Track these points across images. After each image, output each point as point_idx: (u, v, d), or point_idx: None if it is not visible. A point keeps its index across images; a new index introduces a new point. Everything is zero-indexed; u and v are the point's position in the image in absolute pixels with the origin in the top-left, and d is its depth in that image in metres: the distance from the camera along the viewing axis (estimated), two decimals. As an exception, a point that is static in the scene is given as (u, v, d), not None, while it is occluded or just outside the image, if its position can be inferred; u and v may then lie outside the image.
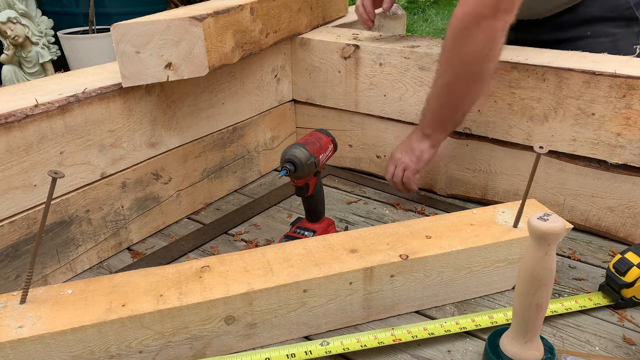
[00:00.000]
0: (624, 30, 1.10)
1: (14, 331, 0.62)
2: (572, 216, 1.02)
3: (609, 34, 1.10)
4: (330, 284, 0.73)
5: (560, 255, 0.95)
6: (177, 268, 0.75)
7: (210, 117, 1.10)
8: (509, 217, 0.84)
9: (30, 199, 0.81)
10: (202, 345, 0.71)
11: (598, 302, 0.80)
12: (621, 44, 1.10)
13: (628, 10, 1.08)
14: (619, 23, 1.09)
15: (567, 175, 0.99)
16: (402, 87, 1.13)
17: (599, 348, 0.74)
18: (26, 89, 0.90)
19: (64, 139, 0.84)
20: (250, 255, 0.77)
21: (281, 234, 1.01)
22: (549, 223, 0.56)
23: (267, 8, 1.10)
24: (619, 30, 1.10)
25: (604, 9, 1.08)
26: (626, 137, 0.90)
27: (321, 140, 0.88)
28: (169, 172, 1.04)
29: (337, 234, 0.82)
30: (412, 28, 3.97)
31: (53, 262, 0.87)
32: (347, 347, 0.71)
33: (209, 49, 0.90)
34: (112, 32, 0.86)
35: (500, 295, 0.84)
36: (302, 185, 0.86)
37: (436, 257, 0.76)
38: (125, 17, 0.94)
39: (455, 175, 1.14)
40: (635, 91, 0.87)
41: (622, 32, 1.10)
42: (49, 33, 2.15)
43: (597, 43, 1.09)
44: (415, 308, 0.81)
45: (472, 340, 0.75)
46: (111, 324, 0.65)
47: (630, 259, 0.78)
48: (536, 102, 0.97)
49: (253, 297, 0.70)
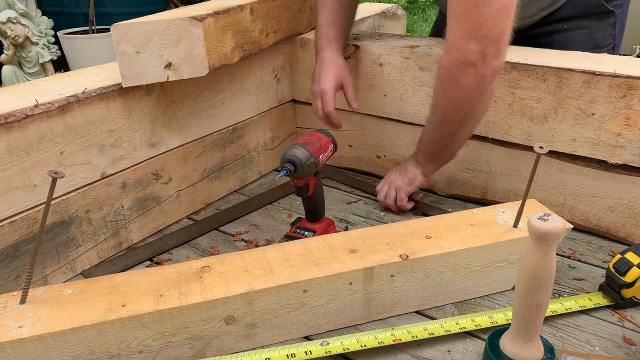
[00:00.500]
0: (599, 22, 1.10)
1: (14, 331, 0.62)
2: (572, 216, 1.02)
3: (584, 26, 1.11)
4: (330, 284, 0.73)
5: (560, 255, 0.95)
6: (177, 268, 0.75)
7: (210, 117, 1.10)
8: (509, 217, 0.84)
9: (30, 199, 0.81)
10: (202, 345, 0.71)
11: (598, 302, 0.80)
12: (597, 35, 1.11)
13: (601, 7, 1.09)
14: (594, 17, 1.10)
15: (567, 175, 0.99)
16: (402, 87, 1.13)
17: (599, 348, 0.74)
18: (26, 89, 0.90)
19: (64, 139, 0.84)
20: (250, 255, 0.77)
21: (281, 234, 1.01)
22: (549, 223, 0.56)
23: (267, 8, 1.10)
24: (594, 23, 1.10)
25: (577, 10, 1.09)
26: (626, 137, 0.90)
27: (321, 140, 0.88)
28: (169, 172, 1.04)
29: (337, 234, 0.82)
30: (412, 28, 3.97)
31: (53, 262, 0.87)
32: (347, 347, 0.71)
33: (209, 49, 0.90)
34: (112, 32, 0.86)
35: (500, 295, 0.84)
36: (302, 185, 0.86)
37: (436, 257, 0.76)
38: (125, 17, 0.94)
39: (455, 175, 1.14)
40: (635, 91, 0.87)
41: (597, 24, 1.11)
42: (49, 33, 2.15)
43: (573, 35, 1.10)
44: (415, 308, 0.81)
45: (472, 340, 0.75)
46: (111, 324, 0.65)
47: (630, 259, 0.78)
48: (536, 102, 0.97)
49: (253, 297, 0.70)
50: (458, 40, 0.83)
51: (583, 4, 1.08)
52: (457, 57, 0.84)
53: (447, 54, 0.85)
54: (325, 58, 1.07)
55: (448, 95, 0.89)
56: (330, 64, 1.07)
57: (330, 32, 1.08)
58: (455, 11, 0.82)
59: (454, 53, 0.84)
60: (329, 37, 1.08)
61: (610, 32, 1.11)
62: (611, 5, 1.09)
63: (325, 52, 1.08)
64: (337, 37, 1.09)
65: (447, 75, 0.87)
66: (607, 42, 1.12)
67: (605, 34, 1.11)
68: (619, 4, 1.10)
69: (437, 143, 0.98)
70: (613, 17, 1.10)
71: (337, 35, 1.09)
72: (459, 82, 0.86)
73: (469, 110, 0.90)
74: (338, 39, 1.09)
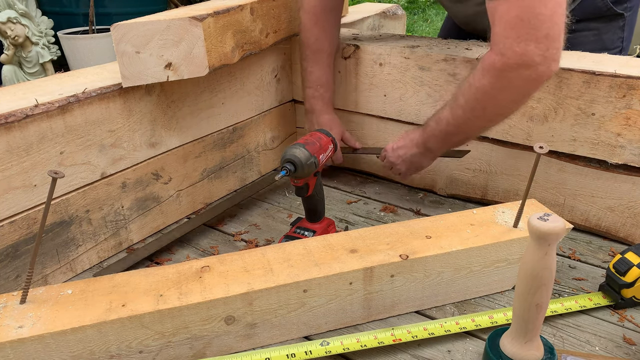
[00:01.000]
0: (607, 24, 1.10)
1: (14, 331, 0.62)
2: (572, 216, 1.02)
3: (593, 28, 1.11)
4: (330, 284, 0.73)
5: (560, 255, 0.95)
6: (177, 268, 0.75)
7: (210, 117, 1.10)
8: (509, 217, 0.84)
9: (30, 199, 0.81)
10: (202, 345, 0.71)
11: (598, 302, 0.80)
12: (605, 37, 1.11)
13: (609, 10, 1.09)
14: (602, 19, 1.10)
15: (567, 175, 0.99)
16: (402, 87, 1.13)
17: (599, 348, 0.74)
18: (26, 89, 0.90)
19: (64, 139, 0.84)
20: (250, 255, 0.77)
21: (281, 234, 1.01)
22: (549, 223, 0.56)
23: (267, 8, 1.10)
24: (603, 25, 1.10)
25: (585, 13, 1.08)
26: (626, 137, 0.90)
27: (321, 140, 0.88)
28: (169, 172, 1.04)
29: (337, 234, 0.82)
30: (412, 28, 3.97)
31: (53, 262, 0.87)
32: (347, 347, 0.71)
33: (209, 49, 0.90)
34: (112, 32, 0.86)
35: (500, 295, 0.84)
36: (302, 185, 0.86)
37: (436, 257, 0.76)
38: (125, 17, 0.94)
39: (455, 175, 1.14)
40: (635, 91, 0.87)
41: (606, 26, 1.10)
42: (49, 33, 2.15)
43: (581, 36, 1.10)
44: (415, 308, 0.81)
45: (472, 340, 0.75)
46: (111, 324, 0.65)
47: (630, 259, 0.78)
48: (536, 102, 0.97)
49: (253, 297, 0.70)
50: (516, 44, 0.79)
51: (591, 7, 1.08)
52: (515, 60, 0.80)
53: (500, 56, 0.81)
54: (327, 120, 1.16)
55: (494, 95, 0.86)
56: (332, 127, 1.15)
57: (327, 94, 1.16)
58: (507, 13, 0.79)
59: (512, 56, 0.80)
60: (325, 99, 1.16)
61: (619, 35, 1.11)
62: (620, 8, 1.08)
63: (325, 114, 1.16)
64: (330, 98, 1.18)
65: (499, 76, 0.83)
66: (616, 45, 1.12)
67: (614, 36, 1.11)
68: (628, 7, 1.09)
69: (456, 135, 0.96)
70: (622, 20, 1.10)
71: (331, 96, 1.18)
72: (511, 84, 0.83)
73: (510, 110, 0.90)
74: (331, 99, 1.18)
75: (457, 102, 0.91)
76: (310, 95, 1.15)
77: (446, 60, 1.05)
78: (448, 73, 1.05)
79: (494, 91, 0.86)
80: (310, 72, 1.14)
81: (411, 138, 1.02)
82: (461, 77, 1.04)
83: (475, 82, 0.87)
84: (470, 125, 0.93)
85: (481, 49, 1.06)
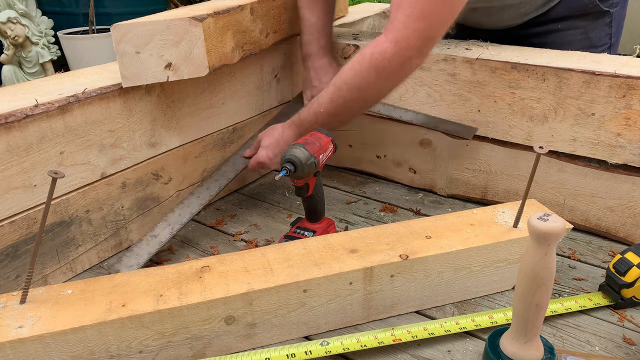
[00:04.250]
0: (593, 22, 1.10)
1: (14, 331, 0.62)
2: (572, 216, 1.02)
3: (579, 26, 1.10)
4: (330, 284, 0.73)
5: (560, 255, 0.95)
6: (177, 268, 0.75)
7: (210, 117, 1.10)
8: (509, 217, 0.84)
9: (30, 199, 0.81)
10: (202, 345, 0.71)
11: (598, 302, 0.80)
12: (592, 35, 1.10)
13: (595, 7, 1.08)
14: (588, 17, 1.10)
15: (567, 176, 0.99)
16: (402, 87, 1.13)
17: (599, 348, 0.74)
18: (26, 89, 0.90)
19: (64, 139, 0.84)
20: (250, 255, 0.77)
21: (281, 234, 1.01)
22: (549, 223, 0.56)
23: (267, 8, 1.10)
24: (588, 23, 1.10)
25: (570, 10, 1.08)
26: (626, 137, 0.90)
27: (321, 140, 0.88)
28: (169, 172, 1.04)
29: (337, 234, 0.82)
30: (412, 28, 3.96)
31: (53, 262, 0.87)
32: (347, 347, 0.71)
33: (209, 49, 0.90)
34: (112, 32, 0.86)
35: (500, 295, 0.84)
36: (302, 185, 0.86)
37: (436, 257, 0.76)
38: (125, 17, 0.94)
39: (455, 175, 1.14)
40: (635, 91, 0.87)
41: (592, 23, 1.10)
42: (49, 33, 2.15)
43: (568, 35, 1.10)
44: (415, 308, 0.81)
45: (472, 340, 0.75)
46: (111, 324, 0.65)
47: (630, 259, 0.78)
48: (536, 102, 0.97)
49: (253, 297, 0.70)
50: (412, 36, 0.84)
51: (577, 4, 1.08)
52: (405, 49, 0.84)
53: (394, 44, 0.85)
54: (322, 64, 1.11)
55: (377, 83, 0.89)
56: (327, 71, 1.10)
57: (323, 39, 1.12)
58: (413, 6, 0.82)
59: (403, 46, 0.84)
60: (321, 43, 1.12)
61: (606, 32, 1.11)
62: (606, 5, 1.08)
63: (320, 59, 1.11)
64: (327, 43, 1.13)
65: (385, 60, 0.86)
66: (603, 42, 1.12)
67: (601, 33, 1.11)
68: (614, 3, 1.09)
69: (335, 115, 0.96)
70: (608, 16, 1.09)
71: (327, 42, 1.13)
72: (396, 71, 0.88)
73: (387, 93, 0.94)
74: (328, 44, 1.13)
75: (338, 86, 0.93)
76: (307, 40, 1.13)
77: (446, 60, 1.05)
78: (448, 73, 1.05)
79: (378, 75, 0.88)
80: (307, 19, 1.12)
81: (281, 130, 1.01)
82: (461, 77, 1.04)
83: (360, 72, 0.90)
84: (348, 107, 0.94)
85: (481, 49, 1.06)
